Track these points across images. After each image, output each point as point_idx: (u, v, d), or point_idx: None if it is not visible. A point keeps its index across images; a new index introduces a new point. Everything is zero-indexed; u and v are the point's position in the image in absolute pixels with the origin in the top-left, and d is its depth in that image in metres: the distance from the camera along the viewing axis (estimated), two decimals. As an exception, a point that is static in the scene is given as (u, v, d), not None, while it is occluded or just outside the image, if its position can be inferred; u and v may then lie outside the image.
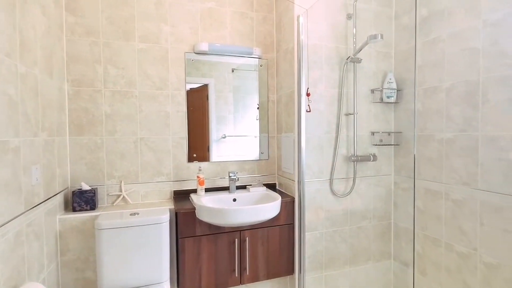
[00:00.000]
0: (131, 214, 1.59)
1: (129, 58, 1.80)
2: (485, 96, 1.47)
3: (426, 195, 1.80)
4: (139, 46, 1.81)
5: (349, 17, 1.90)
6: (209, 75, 1.98)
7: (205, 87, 1.98)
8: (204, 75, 1.96)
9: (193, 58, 1.92)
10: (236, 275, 1.70)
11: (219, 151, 2.01)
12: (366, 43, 1.73)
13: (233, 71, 2.02)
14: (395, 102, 2.00)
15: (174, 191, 1.90)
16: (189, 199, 1.82)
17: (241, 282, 1.72)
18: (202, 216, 1.58)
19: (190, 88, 1.94)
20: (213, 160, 1.99)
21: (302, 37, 1.75)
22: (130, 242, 1.51)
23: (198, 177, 1.82)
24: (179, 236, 1.61)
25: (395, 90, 1.97)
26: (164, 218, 1.58)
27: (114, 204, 1.78)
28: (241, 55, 2.00)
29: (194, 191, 1.92)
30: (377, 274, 2.05)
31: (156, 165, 1.87)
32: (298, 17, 1.77)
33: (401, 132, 2.00)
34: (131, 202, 1.81)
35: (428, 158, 1.79)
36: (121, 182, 1.79)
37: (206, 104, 1.98)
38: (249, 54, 2.01)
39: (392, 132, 2.04)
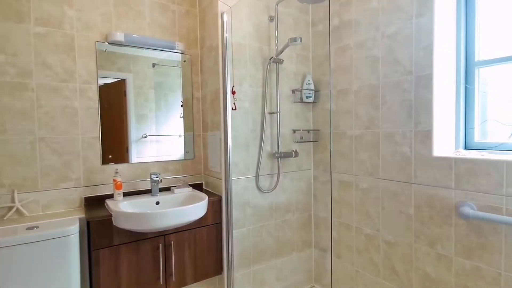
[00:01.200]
0: (27, 229, 1.34)
1: (22, 44, 1.51)
2: (383, 98, 1.70)
3: (340, 186, 2.00)
4: (35, 30, 1.54)
5: (271, 19, 1.97)
6: (127, 69, 1.80)
7: (122, 83, 1.80)
8: (120, 69, 1.78)
9: (106, 49, 1.73)
10: (161, 283, 1.60)
11: (139, 152, 1.86)
12: (287, 45, 1.82)
13: (154, 66, 1.89)
14: (313, 102, 2.17)
15: (85, 197, 1.68)
16: (105, 205, 1.63)
17: (166, 290, 1.62)
18: (120, 223, 1.44)
19: (105, 83, 1.74)
20: (132, 162, 1.83)
21: (226, 35, 1.75)
22: (30, 262, 1.27)
23: (114, 180, 1.64)
24: (92, 248, 1.43)
25: (313, 91, 2.13)
26: (72, 230, 1.38)
27: (4, 219, 1.47)
28: (162, 49, 1.88)
29: (111, 196, 1.73)
30: (300, 262, 2.19)
31: (61, 169, 1.62)
32: (222, 14, 1.75)
33: (319, 130, 2.17)
34: (28, 215, 1.53)
35: (342, 153, 1.98)
36: (13, 191, 1.49)
37: (124, 101, 1.81)
38: (171, 49, 1.90)
39: (311, 130, 2.20)
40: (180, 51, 1.95)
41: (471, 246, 1.36)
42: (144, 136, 1.87)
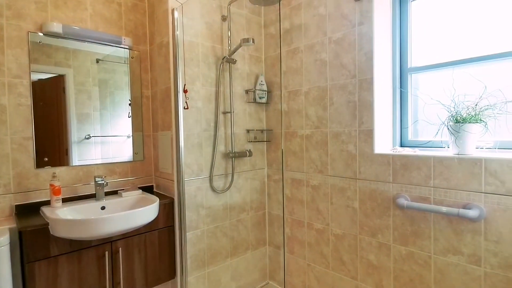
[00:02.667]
0: None
1: None
2: (331, 100, 1.81)
3: (292, 183, 2.07)
4: (-50, 15, 1.33)
5: (224, 18, 1.97)
6: (66, 64, 1.66)
7: (60, 78, 1.65)
8: (58, 64, 1.63)
9: (41, 41, 1.57)
10: (108, 293, 1.49)
11: (82, 154, 1.72)
12: (239, 46, 1.83)
13: (98, 62, 1.76)
14: (266, 103, 2.21)
15: (16, 205, 1.50)
16: (40, 213, 1.48)
17: (114, 300, 1.52)
18: (58, 231, 1.31)
19: (39, 79, 1.57)
20: (74, 164, 1.68)
21: (177, 32, 1.70)
22: None
23: (51, 185, 1.50)
24: (25, 261, 1.28)
25: (266, 92, 2.17)
26: (1, 242, 1.22)
27: None
28: (107, 43, 1.77)
29: (47, 203, 1.57)
30: (255, 261, 2.22)
31: (-15, 174, 1.43)
32: (173, 10, 1.70)
33: (271, 130, 2.23)
34: None
35: (293, 152, 2.06)
36: None
37: (63, 99, 1.66)
38: (117, 44, 1.80)
39: (264, 130, 2.25)
40: (127, 47, 1.85)
41: (406, 234, 1.51)
42: (87, 137, 1.74)
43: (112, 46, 1.79)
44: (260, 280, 2.27)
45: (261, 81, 2.15)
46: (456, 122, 1.36)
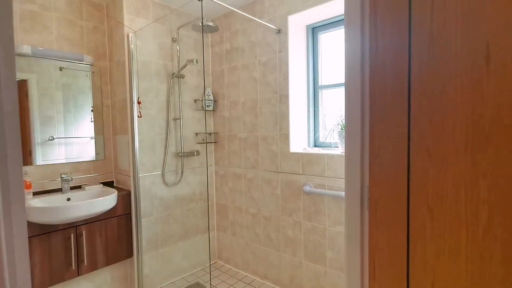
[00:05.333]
0: None
1: None
2: (260, 110, 2.27)
3: (234, 177, 2.51)
4: None
5: (174, 40, 2.35)
6: (29, 70, 1.91)
7: (23, 83, 1.91)
8: (21, 70, 1.87)
9: (11, 59, 1.85)
10: (74, 268, 1.83)
11: (47, 154, 2.01)
12: (185, 65, 2.23)
13: (61, 69, 2.05)
14: (213, 110, 2.63)
15: (-9, 198, 1.79)
16: (13, 204, 1.78)
17: (79, 274, 1.86)
18: (31, 218, 1.64)
19: (9, 90, 1.85)
20: (38, 164, 1.98)
21: (133, 53, 2.06)
22: None
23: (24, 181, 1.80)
24: (2, 242, 1.59)
25: (213, 101, 2.59)
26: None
27: None
28: (70, 61, 2.08)
29: (19, 196, 1.87)
30: (204, 243, 2.63)
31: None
32: (128, 35, 2.06)
33: (218, 133, 2.65)
34: None
35: (234, 151, 2.49)
36: None
37: (25, 102, 1.93)
38: (79, 61, 2.11)
39: (212, 133, 2.66)
40: (88, 63, 2.17)
41: (311, 212, 2.01)
42: (50, 138, 2.02)
43: (75, 63, 2.11)
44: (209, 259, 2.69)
45: (208, 92, 2.57)
46: (341, 129, 1.87)
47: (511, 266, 0.61)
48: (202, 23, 1.98)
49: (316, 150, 2.04)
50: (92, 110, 2.22)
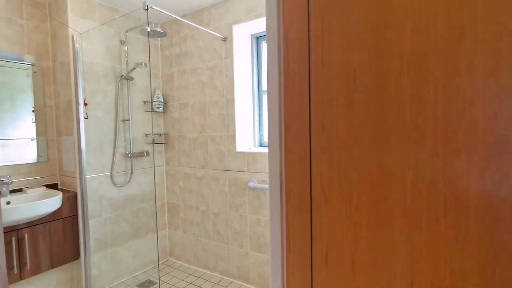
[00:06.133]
0: None
1: None
2: (209, 111, 2.40)
3: (184, 177, 2.61)
4: None
5: (122, 43, 2.38)
6: None
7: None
8: None
9: None
10: (16, 272, 1.80)
11: (-17, 157, 1.93)
12: (134, 68, 2.28)
13: (-2, 71, 1.98)
14: (163, 112, 2.70)
15: None
16: None
17: (21, 278, 1.83)
18: (-34, 222, 1.58)
19: None
20: (-24, 167, 1.90)
21: (78, 54, 2.06)
22: None
23: (-44, 185, 1.72)
24: None
25: (163, 103, 2.66)
26: None
27: None
28: (9, 60, 2.01)
29: (-50, 201, 1.78)
30: (156, 241, 2.69)
31: None
32: (73, 36, 2.06)
33: (168, 134, 2.72)
34: None
35: (184, 151, 2.60)
36: None
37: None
38: (20, 61, 2.06)
39: (162, 134, 2.73)
40: (29, 63, 2.11)
41: (255, 206, 2.20)
42: (-13, 141, 1.95)
43: (15, 63, 2.04)
44: (162, 257, 2.75)
45: (158, 94, 2.63)
46: (280, 130, 2.09)
47: (372, 232, 0.84)
48: (148, 30, 2.06)
49: (260, 149, 2.24)
50: (33, 111, 2.17)
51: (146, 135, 2.59)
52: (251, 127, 2.40)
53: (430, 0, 0.71)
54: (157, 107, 2.63)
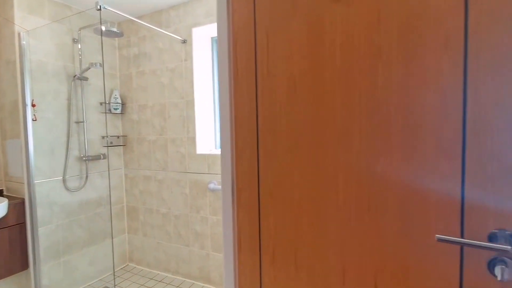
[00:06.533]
0: None
1: None
2: (168, 113, 2.39)
3: (144, 180, 2.56)
4: None
5: (75, 41, 2.29)
6: None
7: None
8: None
9: None
10: (-49, 287, 1.66)
11: None
12: (88, 68, 2.20)
13: None
14: (121, 113, 2.62)
15: None
16: None
17: (-42, 293, 1.69)
18: None
19: None
20: None
21: (25, 52, 1.95)
22: None
23: None
24: None
25: (120, 104, 2.59)
26: None
27: None
28: None
29: None
30: (114, 247, 2.61)
31: None
32: (20, 34, 1.94)
33: (126, 136, 2.66)
34: None
35: (144, 154, 2.55)
36: None
37: None
38: (-44, 57, 1.89)
39: (120, 136, 2.65)
40: (-32, 60, 1.96)
41: (216, 208, 2.23)
42: None
43: (-51, 59, 1.88)
44: (121, 263, 2.68)
45: (115, 94, 2.56)
46: (240, 132, 2.14)
47: (312, 228, 0.91)
48: (103, 29, 2.00)
49: (218, 151, 2.27)
50: (-27, 112, 2.01)
51: (103, 137, 2.51)
52: (211, 129, 2.42)
53: (355, 22, 0.80)
54: (115, 109, 2.56)
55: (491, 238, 0.62)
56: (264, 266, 1.04)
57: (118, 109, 2.58)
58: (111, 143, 2.58)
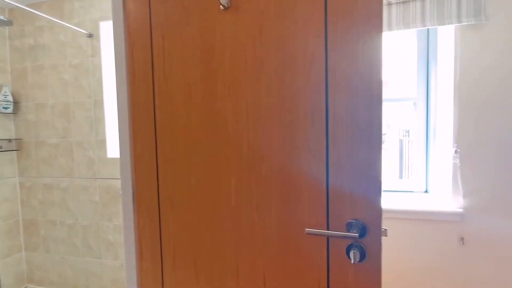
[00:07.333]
0: None
1: None
2: (73, 114, 2.16)
3: (44, 188, 2.27)
4: None
5: None
6: None
7: None
8: None
9: None
10: None
11: None
12: (-37, 59, 1.84)
13: None
14: (13, 113, 2.27)
15: None
16: None
17: None
18: None
19: None
20: None
21: None
22: None
23: None
24: None
25: (12, 103, 2.24)
26: None
27: None
28: None
29: None
30: (9, 268, 2.24)
31: None
32: None
33: (21, 139, 2.31)
34: None
35: (44, 159, 2.25)
36: None
37: None
38: None
39: (13, 139, 2.29)
40: None
41: (130, 214, 2.10)
42: None
43: None
44: (18, 285, 2.32)
45: (5, 92, 2.20)
46: (155, 134, 2.06)
47: (209, 230, 0.94)
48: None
49: (134, 154, 2.15)
50: None
51: (-12, 141, 2.14)
52: (126, 131, 2.27)
53: (241, 35, 0.85)
54: (4, 108, 2.20)
55: (348, 227, 0.74)
56: (166, 272, 1.03)
57: (8, 108, 2.22)
58: (1, 147, 2.21)
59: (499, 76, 1.42)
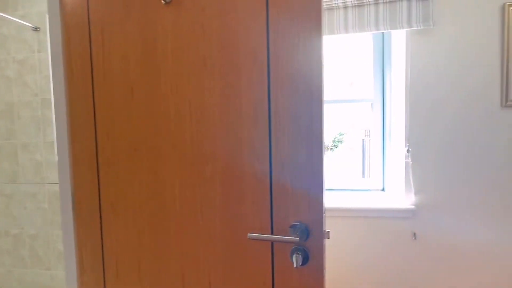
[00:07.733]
0: None
1: None
2: (18, 114, 1.98)
3: (-15, 195, 2.06)
4: None
5: None
6: None
7: None
8: None
9: None
10: None
11: None
12: None
13: None
14: None
15: None
16: None
17: None
18: None
19: None
20: None
21: None
22: None
23: None
24: None
25: None
26: None
27: None
28: None
29: None
30: None
31: None
32: None
33: (-43, 141, 2.08)
34: None
35: (-16, 164, 2.05)
36: None
37: None
38: None
39: None
40: None
41: (84, 221, 1.97)
42: None
43: None
44: (-48, 305, 2.09)
45: None
46: (110, 136, 1.94)
47: (154, 236, 0.89)
48: None
49: (88, 157, 2.02)
50: None
51: None
52: (79, 132, 2.13)
53: (184, 32, 0.81)
54: None
55: (292, 229, 0.72)
56: (109, 282, 0.96)
57: None
58: None
59: (446, 79, 1.50)
